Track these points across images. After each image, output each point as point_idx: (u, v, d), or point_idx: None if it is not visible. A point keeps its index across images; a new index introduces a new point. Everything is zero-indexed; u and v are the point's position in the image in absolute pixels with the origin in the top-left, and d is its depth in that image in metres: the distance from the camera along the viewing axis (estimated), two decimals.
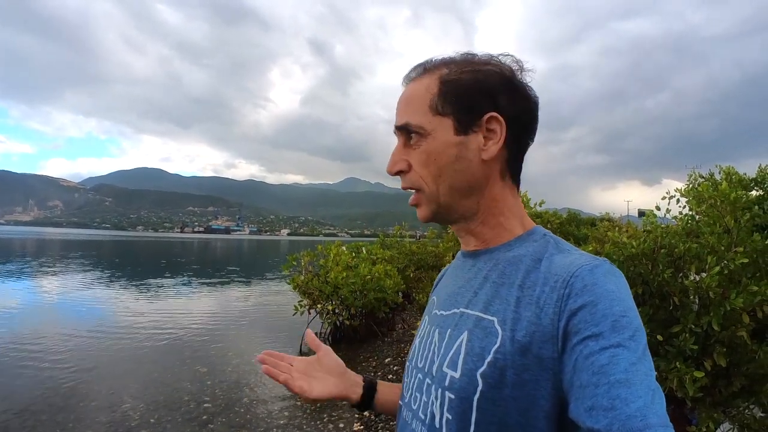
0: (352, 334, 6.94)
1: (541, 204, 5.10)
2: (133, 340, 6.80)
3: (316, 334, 4.59)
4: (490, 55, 0.63)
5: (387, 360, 5.83)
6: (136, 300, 10.84)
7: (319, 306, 6.82)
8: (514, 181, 0.66)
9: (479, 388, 0.53)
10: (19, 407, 4.18)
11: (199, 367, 5.56)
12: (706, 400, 2.03)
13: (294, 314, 6.73)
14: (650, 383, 0.44)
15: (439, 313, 0.68)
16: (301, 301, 6.88)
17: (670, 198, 2.65)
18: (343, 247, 7.87)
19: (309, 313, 6.84)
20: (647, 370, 0.45)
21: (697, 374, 1.85)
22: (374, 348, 6.52)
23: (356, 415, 4.05)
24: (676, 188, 2.74)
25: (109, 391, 4.65)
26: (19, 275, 15.20)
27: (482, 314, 0.58)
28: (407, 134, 0.64)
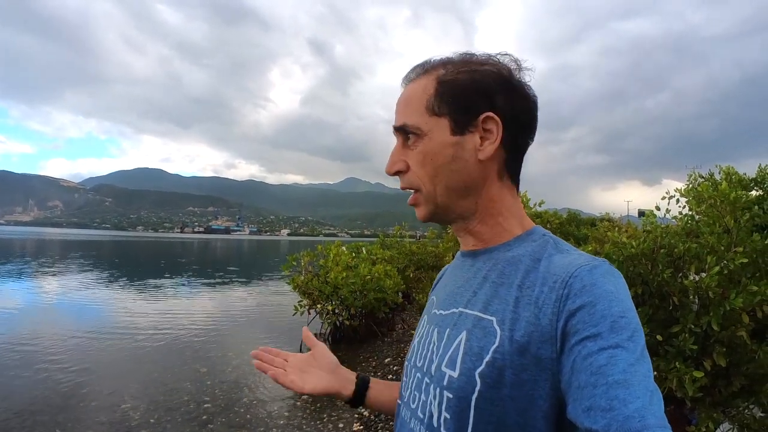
0: (352, 334, 6.94)
1: (540, 204, 5.11)
2: (133, 340, 6.80)
3: (316, 334, 4.60)
4: (489, 55, 0.63)
5: (387, 360, 5.83)
6: (135, 300, 10.83)
7: (319, 306, 6.82)
8: (513, 181, 0.66)
9: (477, 388, 0.53)
10: (19, 407, 4.17)
11: (199, 367, 5.56)
12: (705, 400, 2.03)
13: (294, 314, 6.73)
14: (648, 384, 0.44)
15: (438, 313, 0.68)
16: (301, 301, 6.88)
17: (670, 198, 2.65)
18: (343, 248, 7.86)
19: (309, 314, 6.84)
20: (646, 371, 0.45)
21: (697, 374, 1.85)
22: (374, 348, 6.52)
23: (356, 415, 4.05)
24: (676, 188, 2.74)
25: (109, 391, 4.65)
26: (19, 276, 15.19)
27: (481, 314, 0.58)
28: (405, 135, 0.64)
